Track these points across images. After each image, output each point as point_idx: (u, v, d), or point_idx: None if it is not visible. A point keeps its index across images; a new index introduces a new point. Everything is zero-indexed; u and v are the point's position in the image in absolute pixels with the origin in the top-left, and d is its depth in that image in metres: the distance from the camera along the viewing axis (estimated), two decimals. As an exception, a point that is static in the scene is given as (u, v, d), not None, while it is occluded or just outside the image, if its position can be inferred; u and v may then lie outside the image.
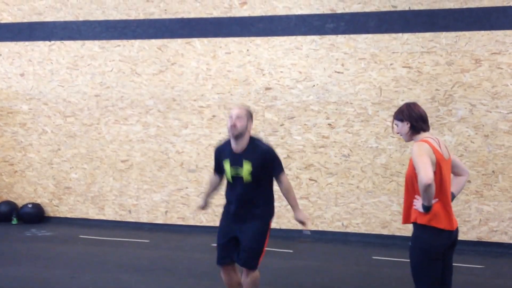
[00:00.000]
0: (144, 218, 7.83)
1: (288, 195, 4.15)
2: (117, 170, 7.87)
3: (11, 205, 8.13)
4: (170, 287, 5.17)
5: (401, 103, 6.84)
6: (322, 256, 6.38)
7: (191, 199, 7.61)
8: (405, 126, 3.41)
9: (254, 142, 4.10)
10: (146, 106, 7.73)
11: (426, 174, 3.06)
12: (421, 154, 3.18)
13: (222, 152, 4.18)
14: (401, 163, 6.87)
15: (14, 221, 7.98)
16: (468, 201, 6.71)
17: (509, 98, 6.56)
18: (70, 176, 8.07)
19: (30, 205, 8.02)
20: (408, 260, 3.46)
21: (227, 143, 4.15)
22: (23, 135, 8.21)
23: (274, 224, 7.25)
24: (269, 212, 4.18)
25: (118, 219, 7.92)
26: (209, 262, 6.01)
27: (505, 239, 6.63)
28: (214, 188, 4.45)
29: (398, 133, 3.50)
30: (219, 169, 4.28)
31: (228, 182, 4.17)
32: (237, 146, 4.04)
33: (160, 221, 7.76)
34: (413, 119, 3.39)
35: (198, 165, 7.54)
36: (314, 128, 7.15)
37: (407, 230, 6.88)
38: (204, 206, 4.52)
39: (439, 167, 3.26)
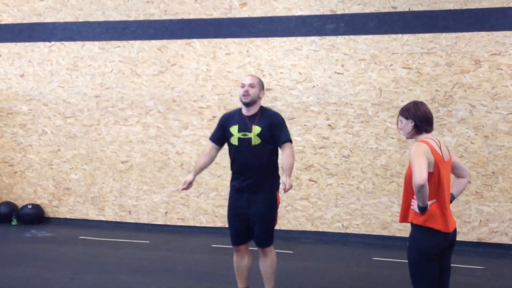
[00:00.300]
0: (144, 219, 7.83)
1: (287, 160, 4.02)
2: (117, 171, 7.87)
3: (11, 206, 8.13)
4: (169, 287, 5.18)
5: (401, 104, 6.86)
6: (322, 257, 6.38)
7: (191, 200, 7.61)
8: (408, 124, 3.42)
9: (264, 109, 4.22)
10: (146, 107, 7.73)
11: (420, 175, 3.09)
12: (418, 155, 3.19)
13: (231, 118, 4.24)
14: (401, 164, 6.87)
15: (14, 222, 7.98)
16: (468, 202, 6.71)
17: (509, 99, 6.57)
18: (70, 177, 8.07)
19: (30, 206, 8.02)
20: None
21: (236, 111, 4.25)
22: (23, 136, 8.21)
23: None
24: (276, 185, 4.21)
25: (118, 220, 7.92)
26: (209, 263, 6.03)
27: (505, 240, 6.63)
28: (209, 160, 4.34)
29: (400, 129, 3.51)
30: (218, 138, 4.28)
31: (234, 150, 4.17)
32: (248, 113, 4.14)
33: (160, 222, 7.76)
34: (418, 119, 3.40)
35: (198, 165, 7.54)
36: (314, 129, 7.16)
37: (407, 231, 6.85)
38: (191, 182, 4.26)
39: (437, 168, 3.28)
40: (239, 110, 4.28)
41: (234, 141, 4.13)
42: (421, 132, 3.42)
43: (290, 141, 4.18)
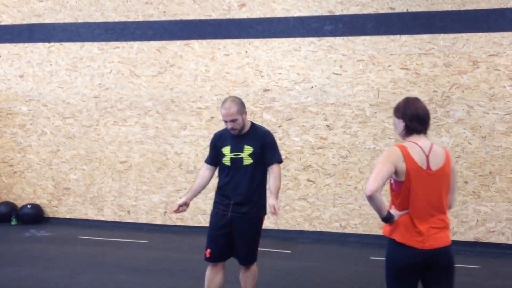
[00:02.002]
0: (143, 219, 7.85)
1: (275, 183, 4.02)
2: (116, 171, 7.90)
3: (10, 205, 8.15)
4: (168, 287, 5.19)
5: (399, 104, 6.89)
6: (320, 257, 6.41)
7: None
8: (400, 125, 3.02)
9: (255, 127, 4.19)
10: (145, 107, 7.75)
11: (370, 185, 2.80)
12: (381, 161, 2.86)
13: (223, 139, 4.18)
14: (399, 164, 6.89)
15: (14, 222, 8.00)
16: (465, 202, 6.74)
17: (506, 99, 6.60)
18: (69, 177, 8.09)
19: (29, 206, 8.04)
20: None
21: (227, 131, 4.18)
22: (22, 136, 8.24)
23: (272, 225, 7.31)
24: (262, 205, 4.19)
25: (117, 219, 7.95)
26: (207, 263, 6.04)
27: (502, 239, 6.66)
28: (204, 183, 4.28)
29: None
30: (213, 159, 4.25)
31: (225, 169, 4.14)
32: (239, 133, 4.13)
33: (158, 221, 7.79)
34: (407, 118, 2.97)
35: (197, 166, 7.56)
36: (312, 129, 7.19)
37: (405, 231, 6.91)
38: (184, 205, 4.18)
39: (409, 178, 2.88)
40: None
41: (227, 161, 4.10)
42: (411, 133, 2.99)
43: (280, 162, 4.15)
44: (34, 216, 8.01)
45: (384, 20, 6.94)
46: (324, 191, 7.18)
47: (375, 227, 7.03)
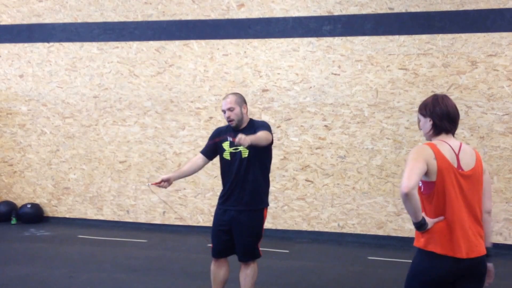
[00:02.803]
0: (142, 219, 7.87)
1: (259, 134, 3.96)
2: (115, 170, 7.92)
3: (10, 205, 8.18)
4: (167, 287, 5.21)
5: (397, 105, 6.91)
6: (318, 257, 6.42)
7: (189, 200, 7.66)
8: (427, 123, 2.82)
9: (253, 122, 4.23)
10: (144, 107, 7.77)
11: (406, 181, 2.55)
12: (413, 158, 2.65)
13: (223, 133, 4.23)
14: (396, 164, 6.91)
15: (13, 221, 8.03)
16: (464, 202, 6.75)
17: (505, 100, 6.60)
18: (68, 176, 8.12)
19: (29, 205, 8.07)
20: (405, 261, 3.25)
21: (228, 126, 4.24)
22: (22, 136, 8.26)
23: (270, 225, 7.32)
24: (263, 202, 4.22)
25: (116, 219, 7.97)
26: (206, 262, 6.06)
27: (499, 239, 6.67)
28: (191, 168, 4.30)
29: (421, 129, 2.93)
30: (209, 151, 4.28)
31: (225, 164, 4.18)
32: (238, 128, 4.16)
33: (157, 221, 7.81)
34: (437, 116, 2.78)
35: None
36: (311, 129, 7.20)
37: (403, 231, 6.93)
38: (167, 181, 4.20)
39: (443, 177, 2.68)
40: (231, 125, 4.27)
41: (227, 155, 4.15)
42: (440, 133, 2.80)
43: (268, 131, 4.08)
44: (34, 215, 8.04)
45: (383, 20, 6.95)
46: (322, 191, 7.20)
47: (373, 227, 7.05)
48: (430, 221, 2.70)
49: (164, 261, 6.07)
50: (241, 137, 3.69)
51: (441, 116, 2.76)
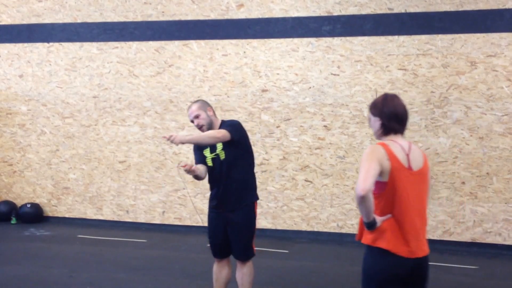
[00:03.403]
0: (142, 218, 7.88)
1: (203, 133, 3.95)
2: (115, 170, 7.93)
3: (10, 205, 8.19)
4: (166, 286, 5.22)
5: (397, 105, 6.91)
6: (318, 257, 6.43)
7: (188, 199, 7.67)
8: (376, 123, 2.83)
9: (223, 123, 4.24)
10: (144, 107, 7.78)
11: (362, 183, 2.55)
12: (368, 159, 2.62)
13: None
14: (397, 165, 6.92)
15: (13, 221, 8.04)
16: (463, 203, 6.77)
17: (504, 100, 6.61)
18: (68, 176, 8.13)
19: (29, 205, 8.08)
20: None
21: None
22: (22, 136, 8.27)
23: (270, 225, 7.34)
24: (253, 197, 4.26)
25: (115, 219, 7.98)
26: (205, 262, 6.08)
27: (499, 240, 6.68)
28: (203, 173, 4.24)
29: (371, 128, 2.93)
30: (200, 160, 4.31)
31: (210, 170, 4.22)
32: None
33: (157, 221, 7.82)
34: (385, 117, 2.79)
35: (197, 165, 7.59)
36: (310, 129, 7.21)
37: (402, 231, 6.94)
38: (192, 167, 4.05)
39: (393, 178, 2.70)
40: None
41: (209, 162, 4.20)
42: (389, 133, 2.81)
43: (228, 131, 3.98)
44: (34, 215, 8.05)
45: (382, 21, 6.95)
46: (321, 191, 7.21)
47: (373, 227, 7.05)
48: (379, 219, 2.72)
49: (163, 261, 6.08)
50: (171, 136, 3.66)
51: (389, 116, 2.77)
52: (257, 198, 4.33)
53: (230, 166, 4.13)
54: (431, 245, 2.99)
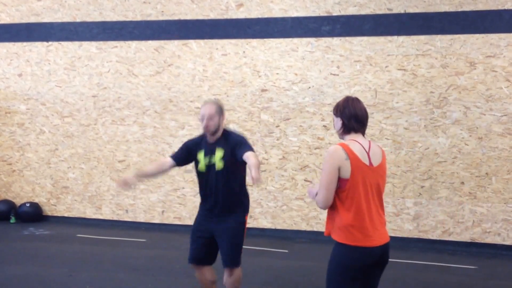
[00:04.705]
0: (141, 218, 7.88)
1: (250, 160, 3.78)
2: (114, 170, 7.93)
3: (9, 204, 8.18)
4: (166, 286, 5.23)
5: (396, 105, 6.93)
6: (317, 256, 6.43)
7: (188, 199, 7.67)
8: (338, 123, 3.09)
9: (228, 133, 4.18)
10: (143, 107, 7.78)
11: (322, 201, 2.94)
12: (327, 172, 2.90)
13: (198, 144, 4.18)
14: (396, 165, 6.93)
15: (12, 220, 8.04)
16: (462, 203, 6.78)
17: (503, 100, 6.63)
18: (67, 175, 8.12)
19: (28, 204, 8.07)
20: (403, 261, 3.36)
21: (202, 138, 4.21)
22: (21, 135, 8.26)
23: (269, 225, 7.35)
24: (244, 208, 4.20)
25: (115, 218, 7.98)
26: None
27: (498, 240, 6.70)
28: (155, 170, 4.24)
29: (334, 127, 3.19)
30: (179, 158, 4.21)
31: (201, 176, 4.15)
32: (212, 139, 4.12)
33: (156, 220, 7.82)
34: (345, 117, 3.04)
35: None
36: (310, 129, 7.22)
37: (401, 231, 6.95)
38: (132, 181, 4.12)
39: (354, 175, 2.92)
40: (204, 136, 4.21)
41: (202, 168, 4.10)
42: (349, 132, 3.06)
43: (253, 150, 4.00)
44: (33, 214, 8.05)
45: (382, 21, 6.96)
46: (321, 191, 7.20)
47: (372, 227, 7.06)
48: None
49: (163, 261, 6.08)
50: (258, 179, 3.54)
51: (349, 117, 3.03)
52: (248, 211, 4.23)
53: (226, 178, 4.05)
54: (430, 245, 3.08)
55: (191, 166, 4.36)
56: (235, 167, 4.07)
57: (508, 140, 6.62)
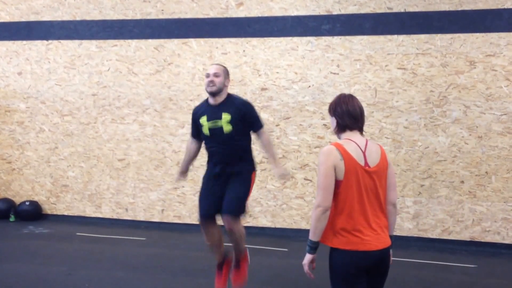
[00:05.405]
0: (141, 216, 7.88)
1: (267, 149, 4.25)
2: (114, 168, 7.93)
3: (8, 202, 8.18)
4: (166, 284, 5.23)
5: (396, 104, 6.93)
6: (317, 255, 6.42)
7: (187, 197, 7.67)
8: (333, 122, 3.00)
9: (232, 97, 4.25)
10: (143, 105, 7.78)
11: (321, 201, 2.80)
12: (323, 173, 2.79)
13: (199, 110, 4.28)
14: (396, 164, 6.93)
15: (12, 219, 8.03)
16: (462, 202, 6.79)
17: (503, 100, 6.63)
18: (67, 174, 8.12)
19: (27, 203, 8.07)
20: (403, 259, 3.36)
21: (203, 102, 4.27)
22: (20, 134, 8.25)
23: (269, 223, 7.35)
24: (251, 167, 4.30)
25: (115, 217, 7.98)
26: (205, 260, 6.09)
27: (497, 239, 6.70)
28: (192, 156, 4.53)
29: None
30: (196, 133, 4.33)
31: (207, 140, 4.22)
32: (215, 101, 4.16)
33: (156, 219, 7.82)
34: (338, 115, 2.95)
35: (194, 164, 7.58)
36: (310, 128, 7.22)
37: (401, 230, 6.96)
38: (184, 173, 4.59)
39: (348, 176, 2.82)
40: (206, 100, 4.31)
41: (206, 131, 4.18)
42: (344, 130, 2.95)
43: (263, 126, 4.34)
44: (32, 213, 8.04)
45: (382, 20, 6.96)
46: (321, 189, 7.20)
47: (372, 225, 7.06)
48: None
49: (163, 259, 6.08)
50: (286, 175, 3.97)
51: (341, 114, 2.93)
52: (255, 169, 4.36)
53: (233, 139, 4.15)
54: (430, 244, 3.06)
55: (191, 166, 4.49)
56: (242, 129, 4.18)
57: (507, 139, 6.63)
